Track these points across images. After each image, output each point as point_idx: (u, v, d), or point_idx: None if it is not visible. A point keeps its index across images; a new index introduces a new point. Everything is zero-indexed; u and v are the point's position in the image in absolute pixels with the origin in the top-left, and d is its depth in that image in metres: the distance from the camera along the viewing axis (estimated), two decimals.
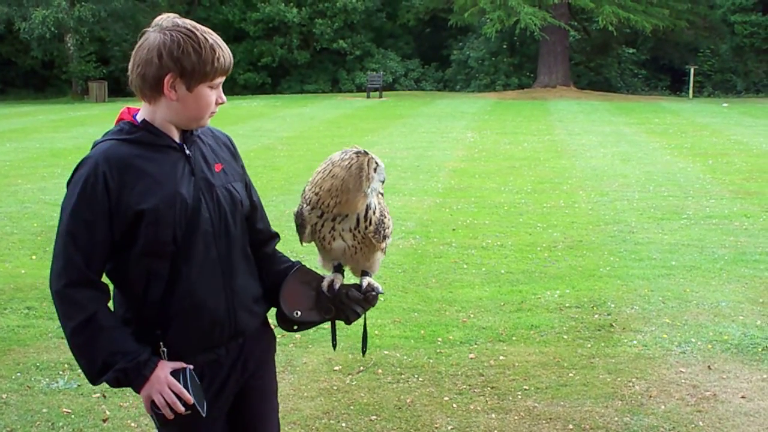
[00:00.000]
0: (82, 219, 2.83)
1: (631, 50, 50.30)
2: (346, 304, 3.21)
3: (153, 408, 2.94)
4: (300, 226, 3.14)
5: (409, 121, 28.47)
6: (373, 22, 51.80)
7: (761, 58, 46.72)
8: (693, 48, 48.42)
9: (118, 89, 49.22)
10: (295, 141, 21.90)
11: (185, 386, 2.91)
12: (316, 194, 3.03)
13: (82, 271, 2.85)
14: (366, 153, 3.02)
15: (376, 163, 3.07)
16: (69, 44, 47.91)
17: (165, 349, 2.95)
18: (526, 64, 49.31)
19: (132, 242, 2.88)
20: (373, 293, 3.23)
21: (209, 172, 3.03)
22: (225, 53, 2.93)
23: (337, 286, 3.20)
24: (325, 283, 3.21)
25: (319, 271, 3.31)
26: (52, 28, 45.05)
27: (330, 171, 2.99)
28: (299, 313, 3.19)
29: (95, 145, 2.97)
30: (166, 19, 2.92)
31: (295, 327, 3.28)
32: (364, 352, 3.49)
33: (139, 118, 3.00)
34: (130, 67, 2.93)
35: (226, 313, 3.04)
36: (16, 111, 36.44)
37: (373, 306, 3.29)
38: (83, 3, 46.04)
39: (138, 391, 2.93)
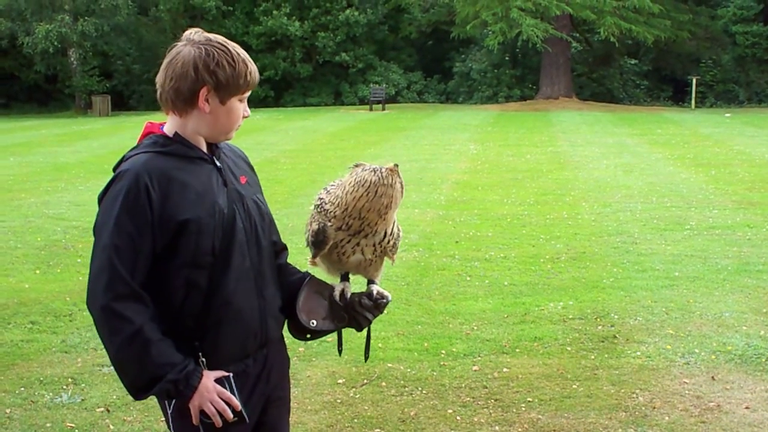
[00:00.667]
0: (126, 231, 2.83)
1: (633, 61, 50.38)
2: (359, 312, 3.27)
3: (202, 417, 2.96)
4: (321, 243, 3.16)
5: (412, 133, 28.50)
6: (375, 35, 51.89)
7: (763, 68, 46.78)
8: (695, 58, 48.46)
9: (121, 103, 49.44)
10: (298, 154, 21.94)
11: (232, 393, 2.98)
12: (360, 217, 3.08)
13: (129, 285, 2.84)
14: (397, 166, 3.11)
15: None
16: (72, 58, 48.10)
17: (204, 360, 2.97)
18: (529, 75, 49.38)
19: (173, 253, 2.90)
20: (384, 301, 3.30)
21: (238, 183, 3.09)
22: (254, 67, 3.01)
23: (348, 295, 3.26)
24: (337, 293, 3.26)
25: (324, 280, 3.35)
26: (56, 43, 45.24)
27: (376, 191, 3.03)
28: (315, 322, 3.24)
29: (126, 158, 2.97)
30: (196, 33, 2.97)
31: (308, 336, 3.33)
32: (366, 358, 3.56)
33: (168, 131, 3.01)
34: (160, 80, 2.95)
35: (259, 322, 3.10)
36: (20, 125, 36.54)
37: (382, 313, 3.35)
38: (86, 18, 46.24)
39: (187, 402, 2.93)
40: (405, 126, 31.62)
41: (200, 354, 2.96)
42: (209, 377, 2.95)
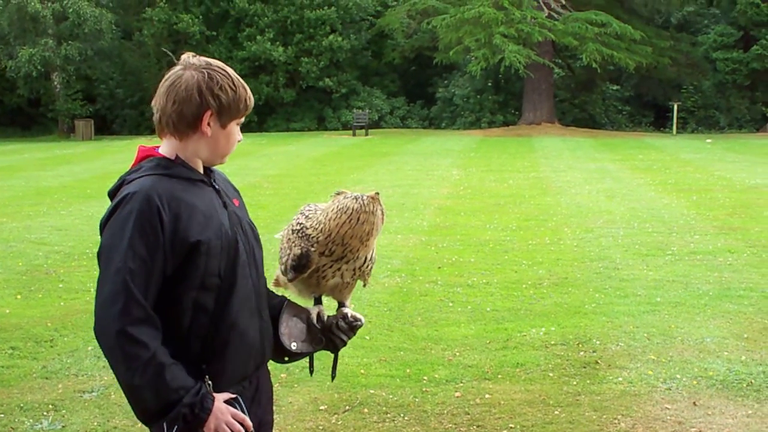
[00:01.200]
0: (139, 254, 2.80)
1: (615, 87, 50.72)
2: (336, 334, 3.35)
3: None
4: (303, 267, 3.23)
5: (395, 158, 28.56)
6: (358, 61, 52.08)
7: (743, 94, 47.15)
8: (676, 84, 48.83)
9: (104, 127, 49.40)
10: (281, 179, 21.94)
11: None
12: (343, 243, 3.17)
13: (144, 308, 2.81)
14: (378, 194, 3.21)
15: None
16: (55, 82, 48.09)
17: (210, 383, 2.96)
18: (511, 101, 49.59)
19: (182, 276, 2.89)
20: (358, 323, 3.39)
21: (233, 206, 3.12)
22: (250, 92, 3.05)
23: (325, 318, 3.34)
24: (314, 316, 3.33)
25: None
26: (39, 67, 45.24)
27: (358, 218, 3.13)
28: (296, 345, 3.30)
29: (128, 181, 2.96)
30: (195, 57, 2.99)
31: (286, 359, 3.37)
32: (333, 378, 3.61)
33: (167, 153, 3.02)
34: (160, 103, 2.95)
35: (260, 343, 3.14)
36: (2, 149, 36.45)
37: (355, 335, 3.44)
38: (70, 42, 46.22)
39: (202, 426, 2.91)
40: (388, 151, 31.69)
41: (207, 377, 2.95)
42: (219, 399, 2.95)
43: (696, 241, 12.72)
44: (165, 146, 3.02)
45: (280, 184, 20.71)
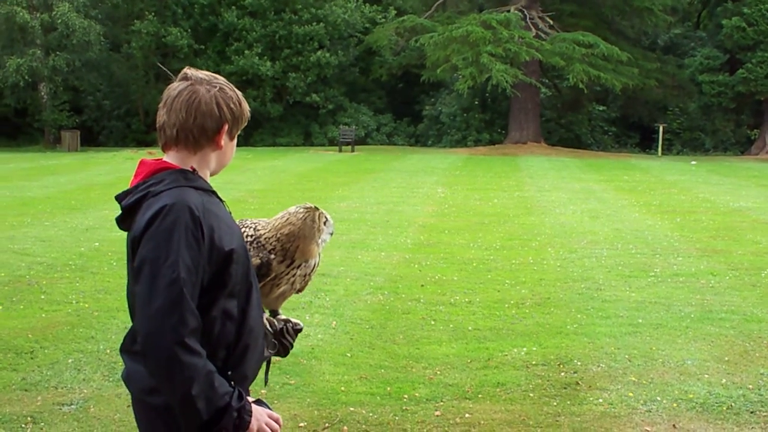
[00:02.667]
0: (186, 265, 2.82)
1: (601, 107, 50.87)
2: (287, 339, 3.50)
3: None
4: (263, 276, 3.36)
5: (381, 175, 28.58)
6: (346, 77, 52.17)
7: (728, 117, 47.38)
8: (662, 106, 49.05)
9: (90, 138, 49.27)
10: (266, 194, 21.93)
11: None
12: (278, 239, 3.38)
13: (197, 318, 2.84)
14: (316, 208, 3.42)
15: (326, 217, 3.51)
16: (43, 93, 47.99)
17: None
18: (498, 120, 49.66)
19: (216, 285, 2.94)
20: (300, 327, 3.58)
21: None
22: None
23: (276, 324, 3.48)
24: (266, 323, 3.43)
25: None
26: (26, 77, 45.13)
27: (305, 221, 3.39)
28: (269, 351, 3.44)
29: (153, 193, 2.95)
30: (197, 71, 3.07)
31: None
32: (266, 383, 3.68)
33: (183, 166, 3.04)
34: (179, 118, 2.99)
35: (264, 347, 3.25)
36: None
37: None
38: (58, 53, 46.15)
39: (247, 426, 2.95)
40: (374, 168, 31.72)
41: (232, 383, 2.98)
42: (251, 402, 3.03)
43: (679, 263, 12.76)
44: (175, 159, 3.05)
45: (265, 199, 20.69)
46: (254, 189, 23.18)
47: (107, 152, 40.89)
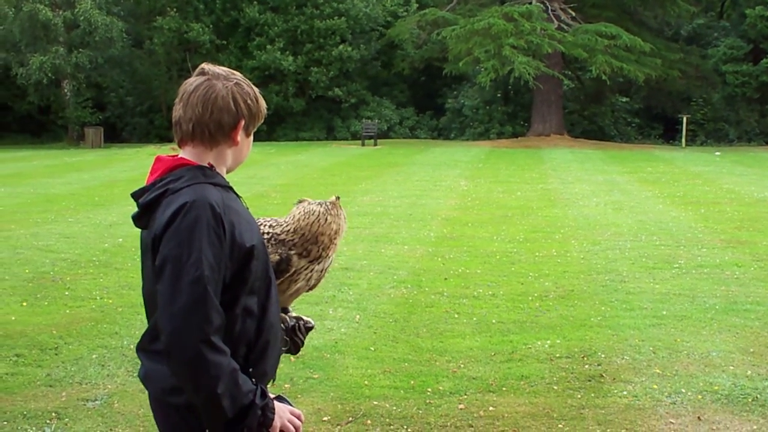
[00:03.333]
0: (209, 263, 2.80)
1: (624, 99, 50.65)
2: (298, 337, 3.47)
3: None
4: (282, 272, 3.32)
5: (403, 169, 28.57)
6: (368, 71, 52.14)
7: (753, 108, 47.08)
8: (686, 97, 48.77)
9: (113, 135, 49.49)
10: (289, 188, 21.95)
11: None
12: (298, 234, 3.35)
13: (221, 316, 2.83)
14: (335, 201, 3.42)
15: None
16: (66, 90, 48.22)
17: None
18: (520, 112, 49.57)
19: (238, 282, 2.92)
20: (311, 325, 3.54)
21: None
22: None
23: (289, 322, 3.45)
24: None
25: None
26: (50, 74, 45.34)
27: (326, 218, 3.35)
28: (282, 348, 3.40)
29: (172, 190, 2.91)
30: (216, 67, 3.06)
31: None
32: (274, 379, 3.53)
33: (200, 162, 3.02)
34: (195, 113, 2.97)
35: (282, 343, 3.25)
36: (12, 156, 36.55)
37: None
38: (81, 50, 46.34)
39: (271, 424, 2.94)
40: (396, 161, 31.71)
41: (253, 380, 2.96)
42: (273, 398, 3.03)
43: (703, 254, 12.69)
44: (191, 155, 3.03)
45: (288, 193, 20.70)
46: (277, 184, 23.22)
47: (130, 148, 41.05)
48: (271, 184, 23.10)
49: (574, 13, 44.47)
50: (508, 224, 15.78)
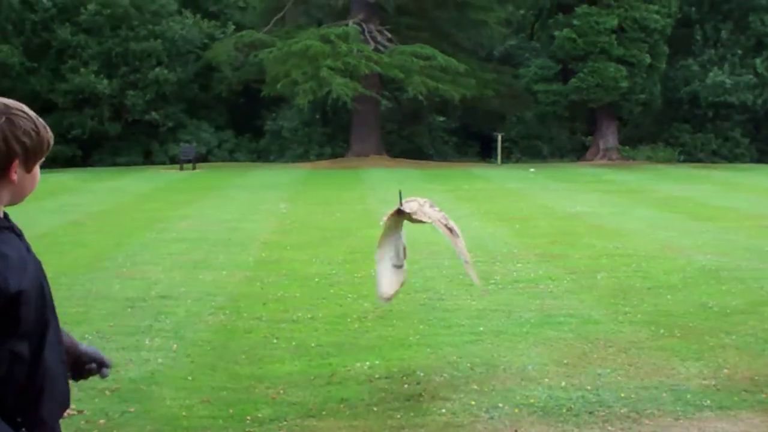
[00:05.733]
0: None
1: (441, 118, 51.69)
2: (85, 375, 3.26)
3: None
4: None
5: (222, 192, 28.28)
6: (185, 94, 51.39)
7: (563, 125, 48.88)
8: (501, 115, 50.04)
9: None
10: (105, 216, 21.38)
11: None
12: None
13: None
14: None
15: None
16: None
17: None
18: (339, 133, 49.82)
19: (1, 327, 2.68)
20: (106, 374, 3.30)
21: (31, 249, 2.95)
22: (50, 131, 2.89)
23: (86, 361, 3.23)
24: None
25: None
26: None
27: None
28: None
29: None
30: None
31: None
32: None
33: None
34: None
35: (66, 387, 2.98)
36: None
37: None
38: None
39: None
40: (215, 185, 31.38)
41: (23, 430, 2.76)
42: None
43: (518, 269, 12.97)
44: None
45: (104, 221, 20.17)
46: (92, 211, 22.51)
47: None
48: (86, 211, 22.40)
49: (390, 35, 45.11)
50: (327, 246, 15.77)
